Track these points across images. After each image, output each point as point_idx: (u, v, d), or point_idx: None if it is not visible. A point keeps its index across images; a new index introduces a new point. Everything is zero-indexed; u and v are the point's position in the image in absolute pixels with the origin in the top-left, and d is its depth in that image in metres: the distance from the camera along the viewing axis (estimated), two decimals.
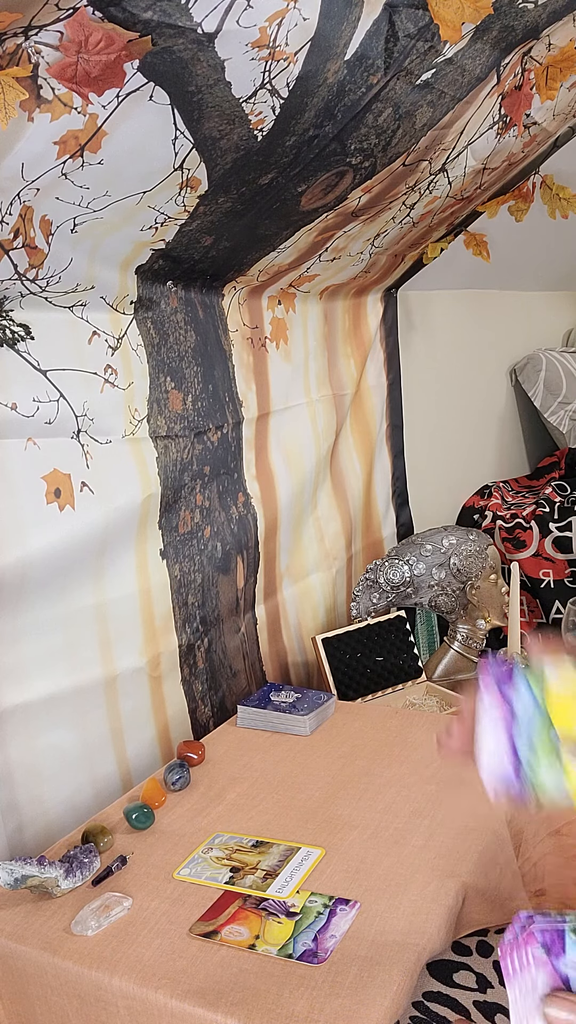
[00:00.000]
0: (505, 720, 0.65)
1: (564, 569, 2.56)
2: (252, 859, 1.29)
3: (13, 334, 1.36)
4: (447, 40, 1.31)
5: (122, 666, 1.61)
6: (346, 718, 1.77)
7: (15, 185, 1.14)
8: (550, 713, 0.65)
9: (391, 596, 2.16)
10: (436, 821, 1.35)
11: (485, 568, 2.19)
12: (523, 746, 0.64)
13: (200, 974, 1.06)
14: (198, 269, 1.66)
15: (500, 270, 2.61)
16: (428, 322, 2.66)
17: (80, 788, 1.55)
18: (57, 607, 1.48)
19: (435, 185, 1.82)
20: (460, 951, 1.15)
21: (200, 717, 1.84)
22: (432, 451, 2.73)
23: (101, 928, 1.16)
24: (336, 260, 1.95)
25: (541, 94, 1.70)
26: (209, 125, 1.22)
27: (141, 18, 0.98)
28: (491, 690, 0.66)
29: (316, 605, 2.23)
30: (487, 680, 0.67)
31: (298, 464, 2.09)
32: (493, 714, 0.65)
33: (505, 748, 0.65)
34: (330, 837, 1.33)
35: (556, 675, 0.66)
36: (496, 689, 0.66)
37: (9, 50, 0.96)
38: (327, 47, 1.19)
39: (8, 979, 1.17)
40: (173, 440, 1.70)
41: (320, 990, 1.02)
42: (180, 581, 1.76)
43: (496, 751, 0.65)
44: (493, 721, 0.65)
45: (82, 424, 1.49)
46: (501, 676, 0.67)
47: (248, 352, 1.92)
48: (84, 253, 1.36)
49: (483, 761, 0.66)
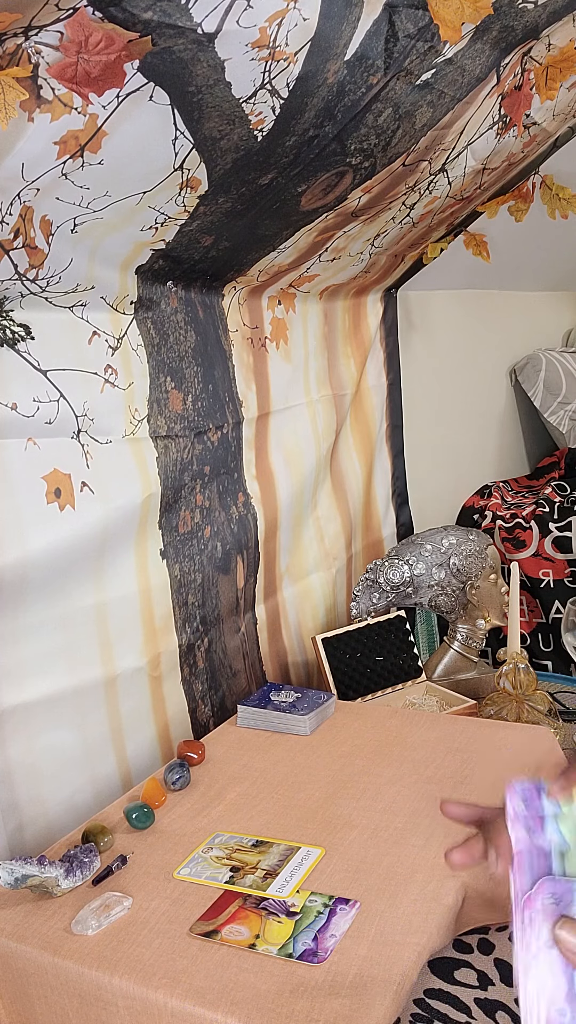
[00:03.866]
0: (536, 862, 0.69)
1: (564, 569, 2.56)
2: (252, 859, 1.29)
3: (13, 334, 1.36)
4: (447, 40, 1.31)
5: (122, 666, 1.62)
6: (346, 718, 1.77)
7: (15, 185, 1.14)
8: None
9: (391, 596, 2.16)
10: (436, 821, 1.35)
11: (485, 568, 2.19)
12: None
13: (200, 974, 1.06)
14: (198, 269, 1.66)
15: (500, 270, 2.61)
16: (428, 322, 2.66)
17: (80, 788, 1.55)
18: (57, 607, 1.48)
19: (435, 185, 1.82)
20: (461, 948, 1.15)
21: (200, 717, 1.84)
22: (432, 451, 2.73)
23: (101, 928, 1.16)
24: (336, 260, 1.95)
25: (541, 94, 1.70)
26: (209, 125, 1.22)
27: (141, 18, 0.98)
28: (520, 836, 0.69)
29: (316, 605, 2.23)
30: (516, 825, 0.70)
31: (298, 464, 2.09)
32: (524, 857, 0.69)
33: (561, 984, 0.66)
34: (330, 837, 1.33)
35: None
36: (525, 834, 0.69)
37: (9, 50, 0.96)
38: (327, 47, 1.19)
39: (8, 979, 1.17)
40: (173, 440, 1.70)
41: (320, 990, 1.02)
42: (180, 581, 1.76)
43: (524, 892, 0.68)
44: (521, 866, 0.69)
45: (82, 424, 1.49)
46: (531, 820, 0.70)
47: (248, 352, 1.92)
48: (84, 253, 1.36)
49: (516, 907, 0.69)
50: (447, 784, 1.45)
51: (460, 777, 1.47)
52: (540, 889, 0.66)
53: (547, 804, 0.70)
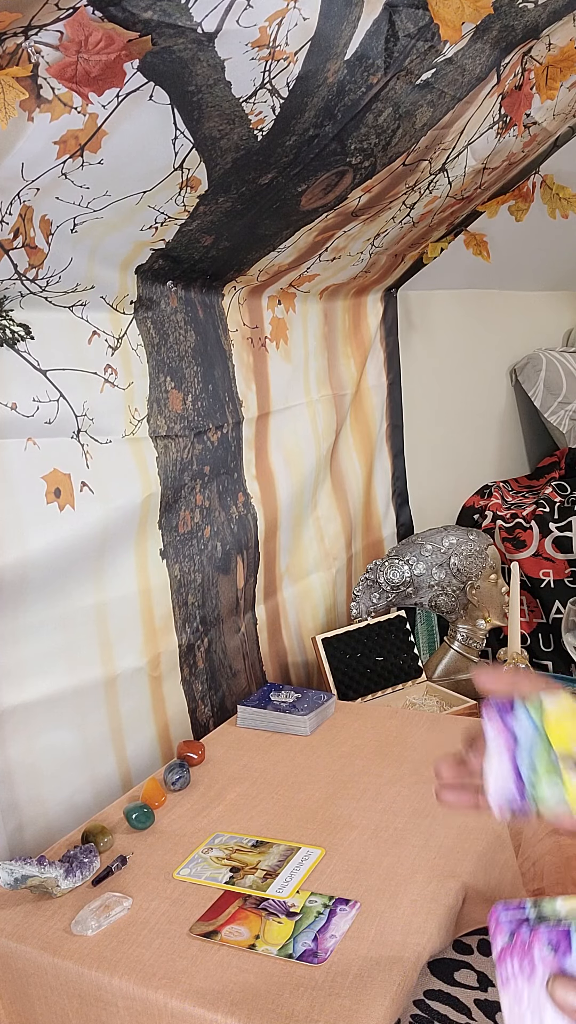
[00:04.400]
0: (508, 746, 0.71)
1: (564, 569, 2.56)
2: (252, 859, 1.29)
3: (13, 334, 1.36)
4: (447, 40, 1.31)
5: (122, 666, 1.61)
6: (346, 718, 1.77)
7: (15, 185, 1.14)
8: (549, 735, 0.71)
9: (391, 596, 2.16)
10: (436, 821, 1.35)
11: (485, 568, 2.19)
12: (525, 767, 0.71)
13: (200, 974, 1.06)
14: (198, 269, 1.66)
15: (500, 270, 2.61)
16: (428, 322, 2.66)
17: (80, 788, 1.55)
18: (57, 607, 1.48)
19: (435, 185, 1.82)
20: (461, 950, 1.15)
21: (200, 717, 1.84)
22: (432, 451, 2.73)
23: (101, 928, 1.16)
24: (336, 260, 1.95)
25: (541, 94, 1.70)
26: (209, 125, 1.22)
27: (141, 18, 0.98)
28: (494, 720, 0.71)
29: (316, 605, 2.23)
30: (490, 711, 0.72)
31: (298, 464, 2.09)
32: (497, 742, 0.71)
33: (509, 771, 0.71)
34: (330, 837, 1.33)
35: (553, 699, 0.72)
36: (499, 718, 0.72)
37: (9, 50, 0.96)
38: (327, 47, 1.19)
39: (8, 979, 1.17)
40: (173, 440, 1.70)
41: (320, 990, 1.02)
42: (180, 581, 1.76)
43: (501, 775, 0.72)
44: (497, 748, 0.71)
45: (82, 424, 1.49)
46: (503, 706, 0.72)
47: (248, 352, 1.92)
48: (84, 253, 1.36)
49: (489, 785, 0.71)
50: None
51: None
52: (536, 938, 0.65)
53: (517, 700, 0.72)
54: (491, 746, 0.71)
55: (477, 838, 1.30)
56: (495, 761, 0.71)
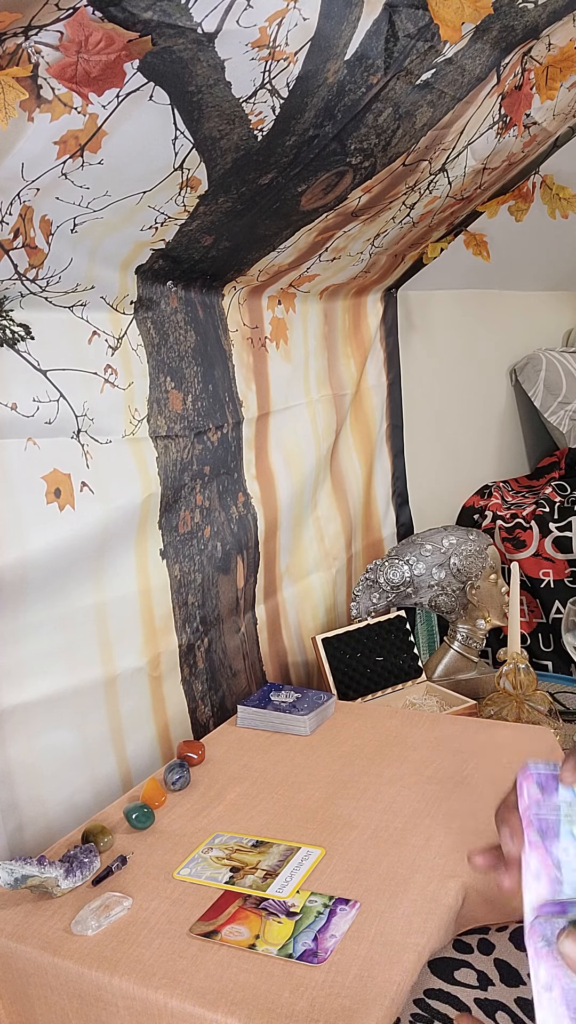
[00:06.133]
0: (550, 876, 0.67)
1: (564, 569, 2.56)
2: (252, 859, 1.29)
3: (13, 334, 1.36)
4: (447, 40, 1.31)
5: (122, 666, 1.61)
6: (346, 718, 1.77)
7: (15, 185, 1.14)
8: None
9: (391, 596, 2.16)
10: (436, 821, 1.35)
11: (485, 568, 2.19)
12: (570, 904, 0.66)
13: (200, 974, 1.06)
14: (198, 269, 1.66)
15: (500, 270, 2.61)
16: (428, 322, 2.66)
17: (80, 788, 1.55)
18: (57, 607, 1.48)
19: (435, 185, 1.82)
20: (461, 949, 1.15)
21: (200, 717, 1.84)
22: (432, 451, 2.73)
23: (101, 928, 1.16)
24: (336, 260, 1.95)
25: (541, 94, 1.70)
26: (209, 125, 1.22)
27: (141, 18, 0.98)
28: (536, 847, 0.67)
29: (316, 605, 2.23)
30: (531, 832, 0.68)
31: (298, 464, 2.09)
32: (539, 873, 0.67)
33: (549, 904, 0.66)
34: (330, 837, 1.33)
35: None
36: (541, 844, 0.67)
37: (9, 50, 0.96)
38: (327, 47, 1.19)
39: (8, 979, 1.17)
40: (173, 440, 1.70)
41: (320, 990, 1.02)
42: (180, 581, 1.76)
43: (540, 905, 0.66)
44: (538, 877, 0.67)
45: (82, 424, 1.49)
46: (545, 828, 0.68)
47: (248, 352, 1.92)
48: (84, 253, 1.36)
49: (528, 915, 0.67)
50: (447, 784, 1.45)
51: (460, 777, 1.47)
52: (533, 931, 0.65)
53: (562, 792, 0.68)
54: (529, 877, 0.66)
55: (477, 838, 1.30)
56: (534, 892, 0.66)
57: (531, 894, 0.67)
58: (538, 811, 0.68)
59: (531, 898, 0.67)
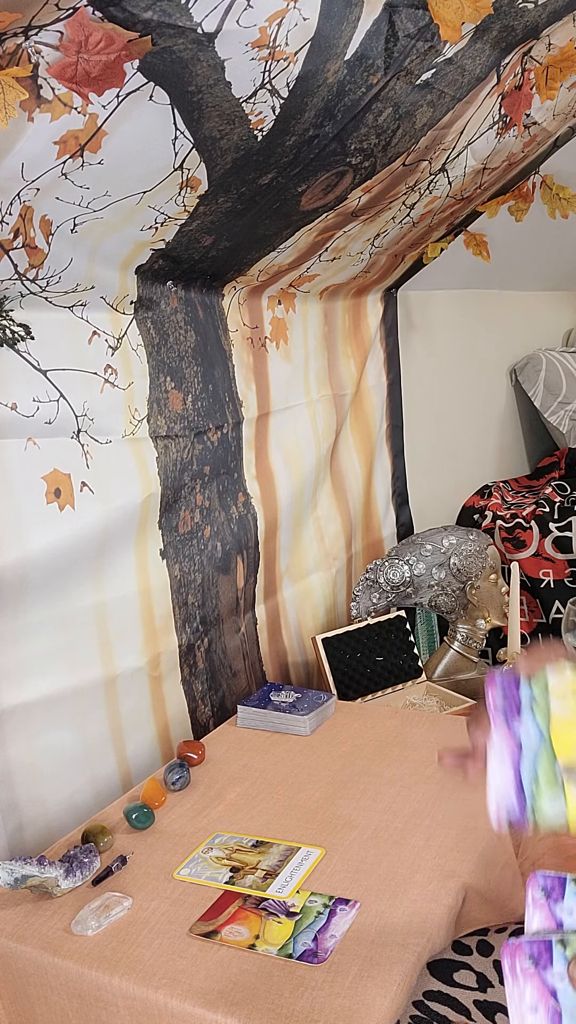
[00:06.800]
0: (512, 755, 0.69)
1: (564, 569, 2.56)
2: (252, 859, 1.29)
3: (13, 334, 1.36)
4: (447, 40, 1.31)
5: (122, 666, 1.61)
6: (346, 718, 1.77)
7: (15, 185, 1.14)
8: (554, 743, 0.69)
9: (391, 596, 2.16)
10: (436, 821, 1.35)
11: (485, 568, 2.19)
12: (528, 778, 0.69)
13: (200, 974, 1.06)
14: (198, 269, 1.66)
15: (500, 270, 2.61)
16: (428, 322, 2.66)
17: (80, 788, 1.55)
18: (57, 607, 1.48)
19: (435, 185, 1.82)
20: (460, 950, 1.15)
21: (200, 717, 1.84)
22: (432, 451, 2.73)
23: (101, 928, 1.16)
24: (336, 260, 1.95)
25: (541, 94, 1.70)
26: (209, 125, 1.22)
27: (141, 18, 0.98)
28: (499, 725, 0.69)
29: (316, 605, 2.23)
30: (496, 715, 0.70)
31: (298, 464, 2.09)
32: (501, 749, 0.69)
33: (511, 782, 0.68)
34: (330, 837, 1.33)
35: (560, 705, 0.70)
36: (504, 723, 0.69)
37: (9, 50, 0.96)
38: (327, 47, 1.19)
39: (8, 979, 1.17)
40: (173, 440, 1.70)
41: (320, 990, 1.02)
42: (180, 581, 1.76)
43: (502, 786, 0.69)
44: (500, 757, 0.69)
45: (82, 424, 1.49)
46: (509, 709, 0.70)
47: (248, 352, 1.92)
48: (84, 253, 1.36)
49: (490, 794, 0.69)
50: (447, 784, 1.45)
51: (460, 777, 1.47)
52: (518, 950, 0.66)
53: (523, 691, 0.70)
54: (494, 753, 0.70)
55: (477, 838, 1.30)
56: (497, 770, 0.69)
57: (495, 777, 0.69)
58: (503, 702, 0.71)
59: (495, 782, 0.69)
